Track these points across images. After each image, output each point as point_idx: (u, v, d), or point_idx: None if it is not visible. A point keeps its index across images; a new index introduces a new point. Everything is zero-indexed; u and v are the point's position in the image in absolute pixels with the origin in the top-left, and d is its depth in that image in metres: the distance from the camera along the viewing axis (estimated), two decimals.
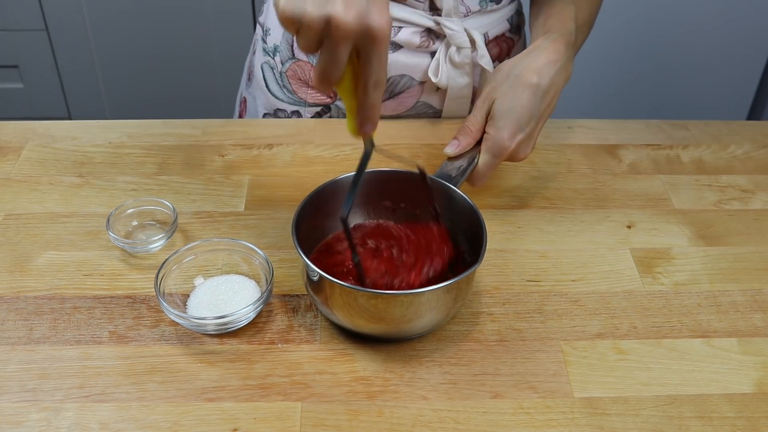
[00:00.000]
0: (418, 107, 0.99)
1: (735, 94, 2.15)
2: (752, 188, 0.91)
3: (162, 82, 2.08)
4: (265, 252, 0.73)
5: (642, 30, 2.01)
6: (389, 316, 0.65)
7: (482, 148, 0.79)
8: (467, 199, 0.73)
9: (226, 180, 0.89)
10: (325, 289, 0.66)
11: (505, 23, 0.99)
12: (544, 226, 0.84)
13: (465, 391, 0.66)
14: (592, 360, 0.69)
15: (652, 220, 0.86)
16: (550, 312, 0.73)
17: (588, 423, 0.63)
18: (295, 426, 0.62)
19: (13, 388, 0.65)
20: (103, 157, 0.92)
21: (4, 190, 0.86)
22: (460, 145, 0.79)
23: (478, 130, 0.80)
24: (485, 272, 0.77)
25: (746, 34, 2.03)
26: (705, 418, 0.64)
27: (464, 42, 0.92)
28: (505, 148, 0.78)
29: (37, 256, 0.78)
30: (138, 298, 0.73)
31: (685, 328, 0.73)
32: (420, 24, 0.92)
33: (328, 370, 0.67)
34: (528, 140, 0.79)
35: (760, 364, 0.69)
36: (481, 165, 0.79)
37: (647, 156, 0.96)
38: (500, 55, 1.00)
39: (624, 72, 2.07)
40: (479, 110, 0.80)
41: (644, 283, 0.77)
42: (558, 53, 0.80)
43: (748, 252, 0.82)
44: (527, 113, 0.78)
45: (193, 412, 0.63)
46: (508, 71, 0.80)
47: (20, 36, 1.98)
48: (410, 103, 0.99)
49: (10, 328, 0.70)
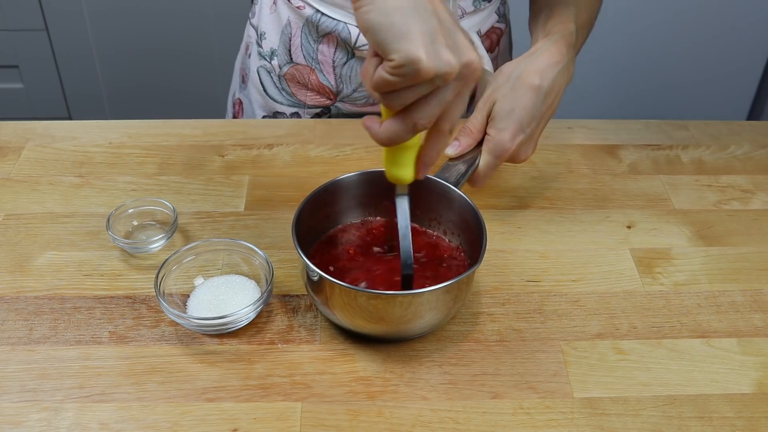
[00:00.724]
0: None
1: (735, 94, 2.15)
2: (752, 188, 0.91)
3: (162, 83, 2.08)
4: (265, 252, 0.73)
5: (642, 30, 2.01)
6: (389, 317, 0.65)
7: (483, 150, 0.79)
8: (467, 200, 0.73)
9: (226, 180, 0.89)
10: (325, 289, 0.66)
11: (494, 15, 1.00)
12: (544, 226, 0.84)
13: (465, 391, 0.66)
14: (592, 360, 0.69)
15: (652, 220, 0.86)
16: (550, 312, 0.73)
17: (588, 423, 0.63)
18: (295, 426, 0.62)
19: (13, 388, 0.65)
20: (103, 157, 0.92)
21: (4, 190, 0.86)
22: (460, 146, 0.79)
23: (479, 131, 0.80)
24: (485, 272, 0.77)
25: (746, 34, 2.03)
26: (705, 419, 0.64)
27: None
28: (506, 149, 0.78)
29: (37, 256, 0.78)
30: (138, 298, 0.73)
31: (685, 328, 0.73)
32: None
33: (328, 370, 0.67)
34: (529, 141, 0.79)
35: (760, 364, 0.69)
36: (482, 166, 0.79)
37: (647, 156, 0.96)
38: (491, 47, 1.01)
39: (624, 72, 2.08)
40: (480, 111, 0.80)
41: (644, 283, 0.77)
42: (560, 54, 0.80)
43: (748, 252, 0.82)
44: (528, 115, 0.78)
45: (193, 412, 0.63)
46: (509, 73, 0.80)
47: (20, 36, 1.98)
48: None
49: (10, 328, 0.70)
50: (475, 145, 0.80)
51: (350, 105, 1.00)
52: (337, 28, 0.94)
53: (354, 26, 0.94)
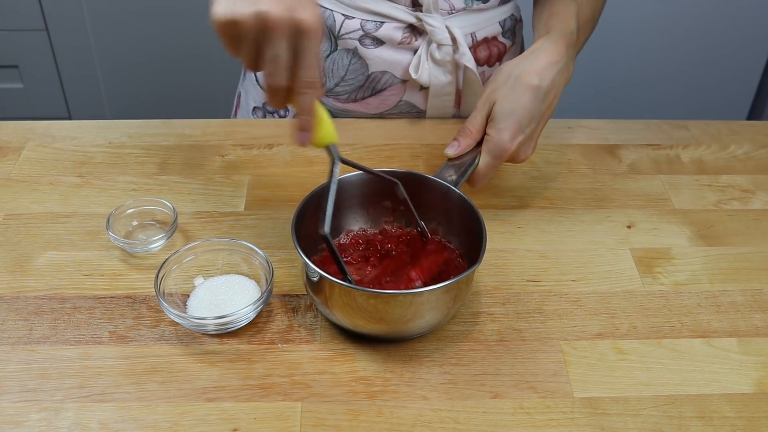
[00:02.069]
0: (401, 106, 0.99)
1: (735, 94, 2.15)
2: (752, 188, 0.91)
3: (162, 82, 2.08)
4: (265, 252, 0.73)
5: (642, 30, 2.01)
6: (388, 316, 0.65)
7: (483, 150, 0.79)
8: (467, 200, 0.73)
9: (226, 180, 0.89)
10: (325, 289, 0.66)
11: (497, 26, 0.98)
12: (544, 226, 0.84)
13: (465, 391, 0.66)
14: (592, 360, 0.69)
15: (652, 220, 0.86)
16: (550, 312, 0.73)
17: (588, 423, 0.63)
18: (295, 426, 0.62)
19: (13, 388, 0.65)
20: (103, 157, 0.92)
21: (4, 190, 0.86)
22: (460, 146, 0.79)
23: (478, 131, 0.80)
24: (485, 272, 0.77)
25: (746, 34, 2.03)
26: (705, 418, 0.64)
27: (445, 39, 0.91)
28: (506, 149, 0.78)
29: (37, 256, 0.78)
30: (138, 298, 0.73)
31: (685, 328, 0.73)
32: (401, 20, 0.92)
33: (328, 370, 0.67)
34: (529, 141, 0.79)
35: (760, 364, 0.69)
36: (481, 166, 0.79)
37: (647, 156, 0.96)
38: (489, 59, 0.99)
39: (624, 72, 2.07)
40: (479, 112, 0.80)
41: (644, 283, 0.77)
42: (559, 54, 0.80)
43: (748, 252, 0.82)
44: (528, 114, 0.78)
45: (193, 412, 0.63)
46: (508, 73, 0.80)
47: (20, 36, 1.98)
48: (393, 102, 0.98)
49: (10, 328, 0.70)
50: (474, 145, 0.80)
51: (333, 100, 0.99)
52: (323, 15, 0.94)
53: (340, 14, 0.93)
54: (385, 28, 0.92)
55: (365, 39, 0.93)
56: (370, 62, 0.94)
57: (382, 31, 0.92)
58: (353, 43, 0.93)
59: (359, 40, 0.93)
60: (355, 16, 0.92)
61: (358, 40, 0.93)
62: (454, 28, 0.92)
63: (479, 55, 0.97)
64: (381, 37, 0.93)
